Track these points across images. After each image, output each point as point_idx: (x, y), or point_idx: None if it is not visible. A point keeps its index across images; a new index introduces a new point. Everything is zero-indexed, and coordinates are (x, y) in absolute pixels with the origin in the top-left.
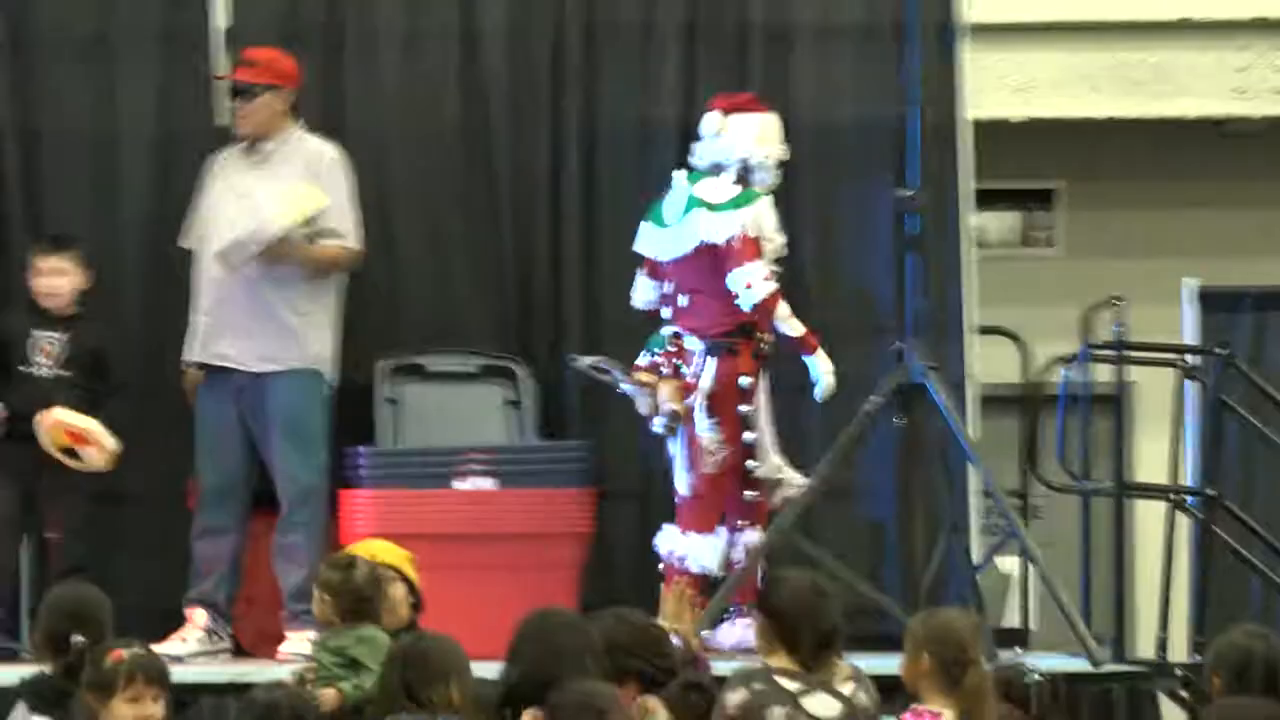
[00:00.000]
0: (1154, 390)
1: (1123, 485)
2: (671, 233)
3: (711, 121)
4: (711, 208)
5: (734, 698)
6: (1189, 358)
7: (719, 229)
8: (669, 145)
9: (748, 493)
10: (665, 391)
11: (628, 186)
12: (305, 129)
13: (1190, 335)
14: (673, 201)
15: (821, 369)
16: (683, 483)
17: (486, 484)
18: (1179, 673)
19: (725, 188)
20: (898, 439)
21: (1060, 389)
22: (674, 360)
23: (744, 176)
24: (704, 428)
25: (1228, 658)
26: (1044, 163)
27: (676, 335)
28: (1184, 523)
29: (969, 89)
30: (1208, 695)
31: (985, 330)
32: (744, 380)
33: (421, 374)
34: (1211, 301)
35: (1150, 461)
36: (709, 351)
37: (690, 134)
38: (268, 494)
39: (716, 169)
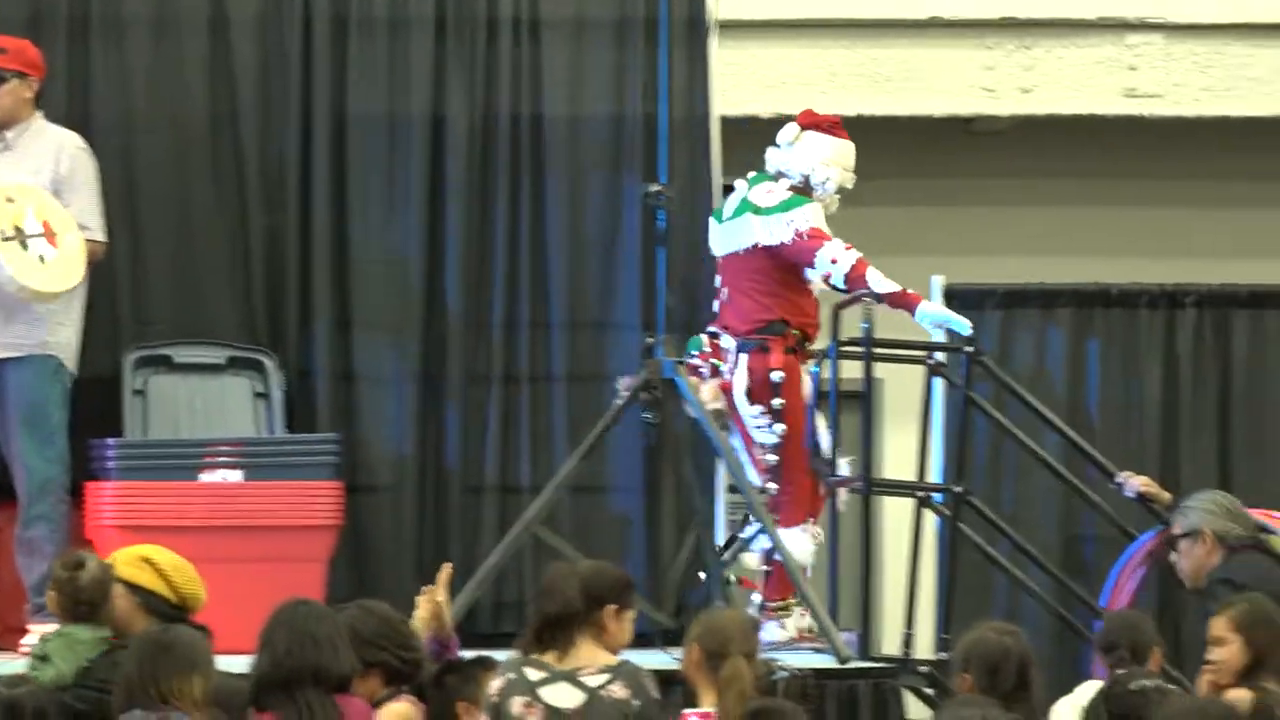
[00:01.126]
0: (902, 387)
1: (870, 482)
2: (724, 229)
3: (788, 132)
4: (758, 210)
5: (494, 684)
6: (936, 355)
7: (769, 231)
8: (418, 136)
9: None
10: (706, 393)
11: (377, 176)
12: (46, 119)
13: (938, 333)
14: (732, 201)
15: (933, 312)
16: (758, 479)
17: (233, 476)
18: (924, 669)
19: (777, 193)
20: (647, 434)
21: (810, 385)
22: (711, 361)
23: (803, 191)
24: (751, 422)
25: (979, 655)
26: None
27: (714, 335)
28: (931, 519)
29: (719, 85)
30: (953, 692)
31: None
32: (776, 375)
33: (169, 365)
34: (959, 299)
35: (898, 458)
36: (740, 348)
37: (440, 124)
38: (8, 485)
39: (778, 176)
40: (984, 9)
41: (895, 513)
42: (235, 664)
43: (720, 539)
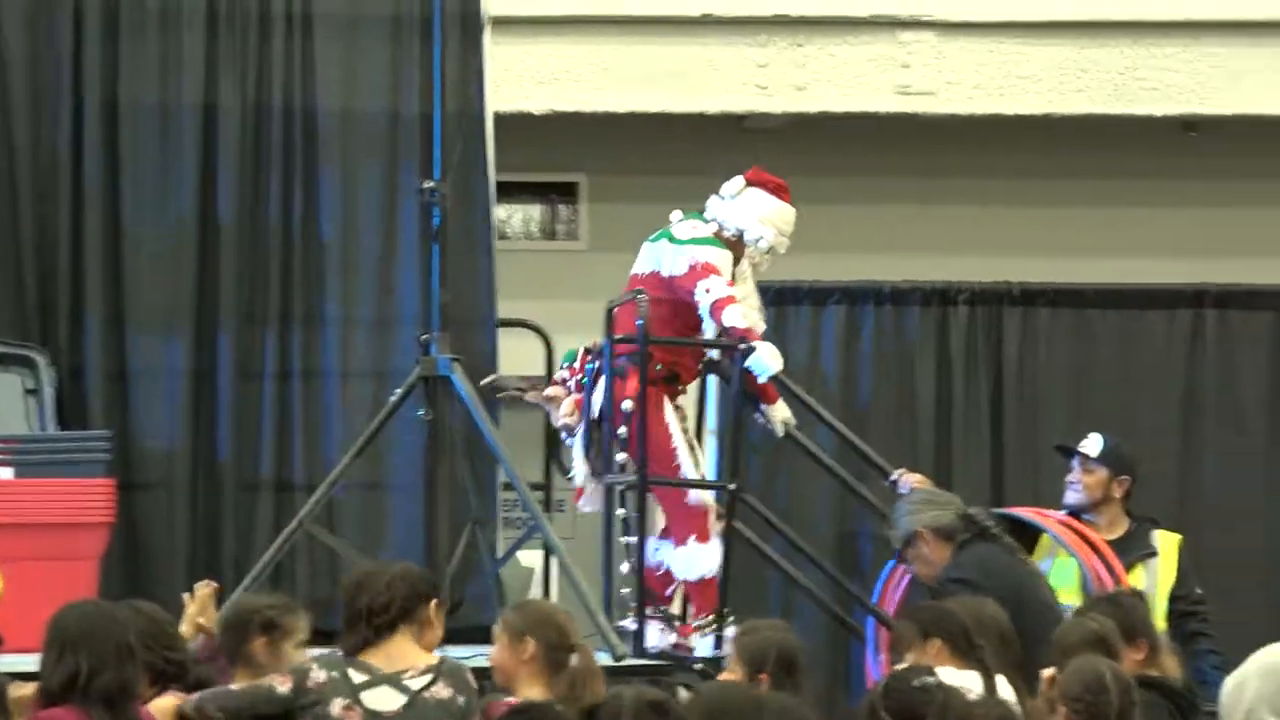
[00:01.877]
0: None
1: (646, 478)
2: (643, 249)
3: (733, 185)
4: (673, 240)
5: (314, 675)
6: (711, 353)
7: (673, 261)
8: (190, 128)
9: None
10: (565, 406)
11: (149, 169)
12: None
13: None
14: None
15: (765, 360)
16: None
17: (4, 474)
18: (698, 666)
19: (698, 230)
20: (423, 432)
21: (585, 382)
22: (579, 376)
23: (735, 243)
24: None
25: (751, 651)
26: (567, 155)
27: (588, 350)
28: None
29: (493, 81)
30: None
31: (509, 323)
32: (626, 404)
33: None
34: None
35: None
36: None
37: (212, 116)
38: None
39: (713, 221)
40: (757, 7)
41: None
42: (7, 663)
43: (497, 536)
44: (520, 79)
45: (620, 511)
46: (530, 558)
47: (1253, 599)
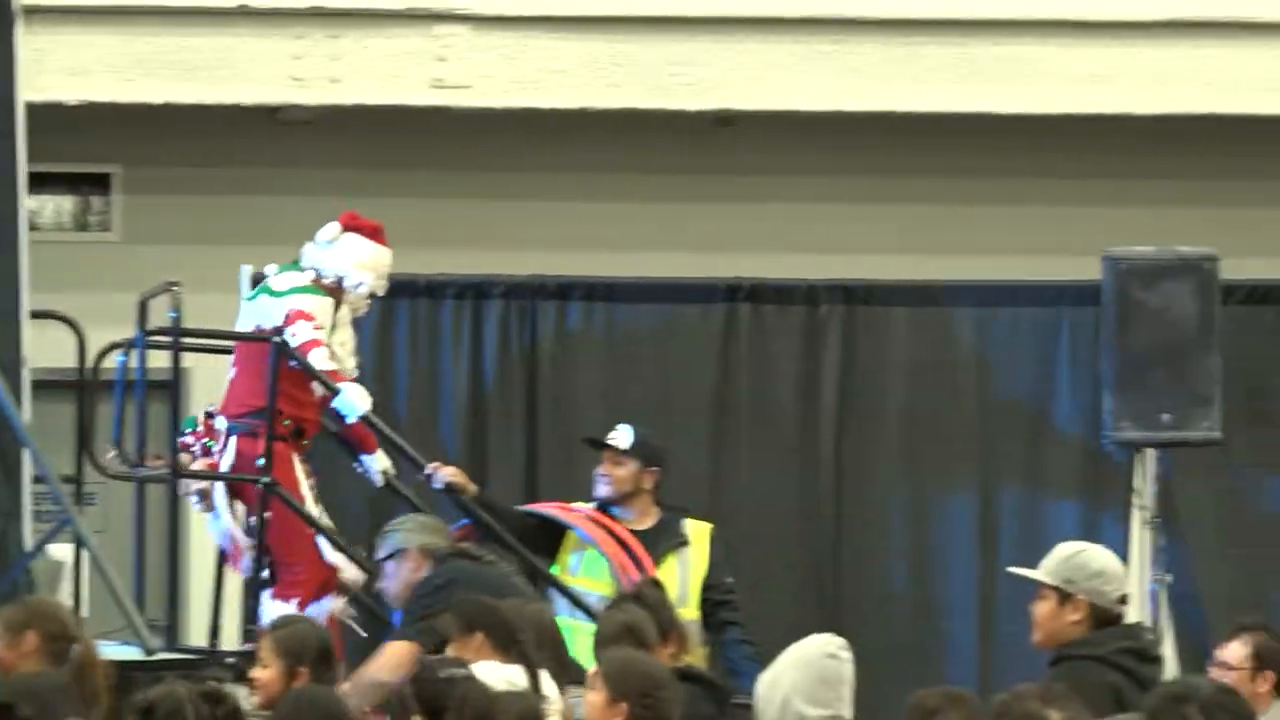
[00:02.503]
0: (209, 377)
1: (177, 472)
2: (244, 310)
3: (328, 231)
4: (272, 293)
5: None
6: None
7: (274, 314)
8: None
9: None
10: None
11: None
12: None
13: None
14: (257, 284)
15: (352, 400)
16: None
17: None
18: (230, 660)
19: (295, 280)
20: None
21: (117, 375)
22: (204, 440)
23: (334, 289)
24: (227, 508)
25: (288, 644)
26: (100, 147)
27: (209, 415)
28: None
29: (24, 71)
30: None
31: (39, 315)
32: (260, 462)
33: None
34: None
35: None
36: (230, 431)
37: None
38: None
39: (311, 270)
40: None
41: None
42: None
43: (26, 530)
44: (53, 69)
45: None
46: (61, 551)
47: (783, 589)
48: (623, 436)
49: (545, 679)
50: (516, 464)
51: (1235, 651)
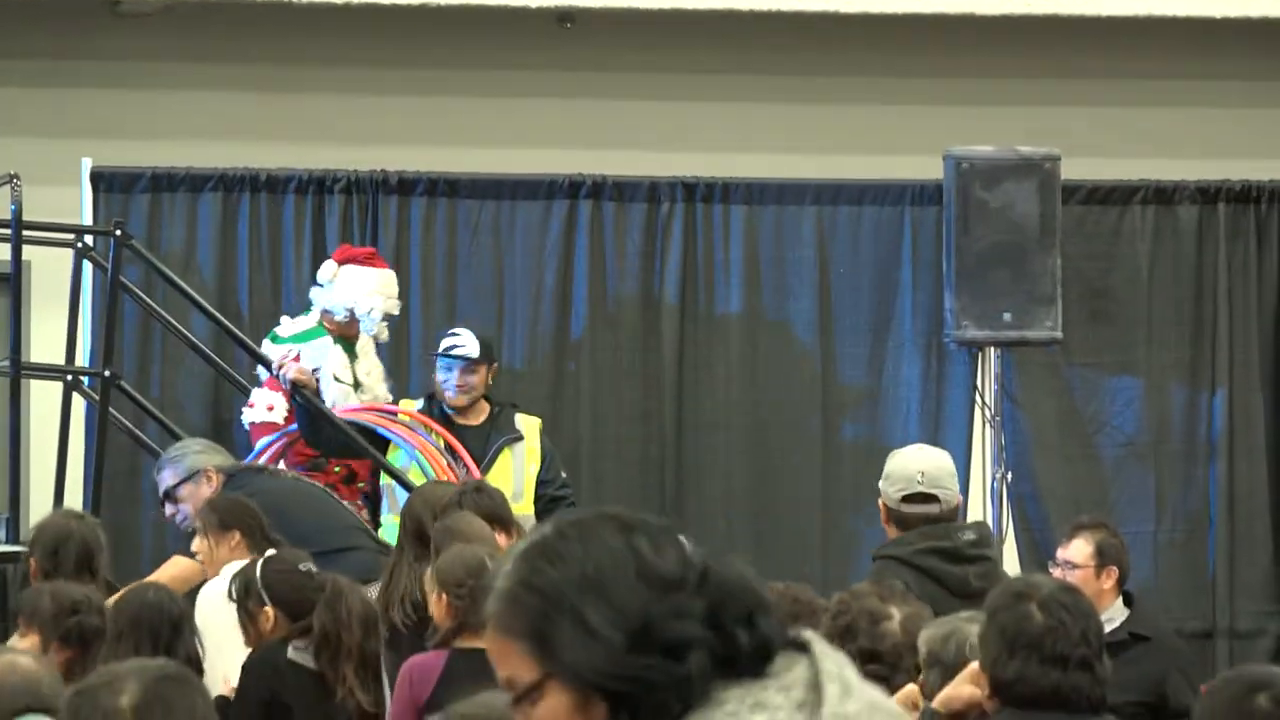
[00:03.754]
0: (51, 270)
1: (19, 365)
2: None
3: (326, 270)
4: (275, 339)
5: None
6: (85, 238)
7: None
8: None
9: None
10: None
11: None
12: None
13: (86, 215)
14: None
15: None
16: None
17: None
18: None
19: (298, 323)
20: None
21: None
22: None
23: (348, 326)
24: None
25: (43, 537)
26: None
27: None
28: (80, 403)
29: None
30: (28, 577)
31: None
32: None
33: None
34: (107, 181)
35: (47, 342)
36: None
37: None
38: None
39: (322, 312)
40: None
41: (44, 397)
42: None
43: None
44: None
45: None
46: None
47: (621, 488)
48: (471, 345)
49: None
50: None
51: (1079, 549)
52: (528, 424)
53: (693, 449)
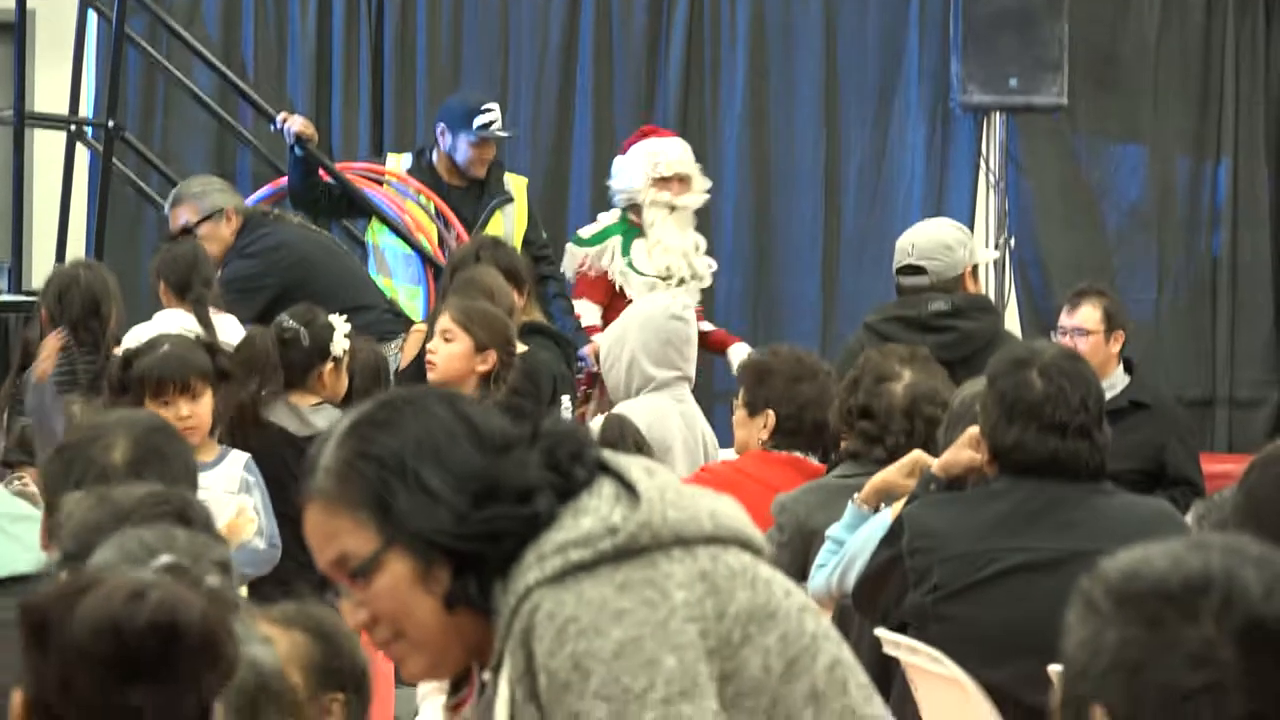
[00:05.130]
0: (55, 18)
1: (23, 114)
2: None
3: (613, 169)
4: (574, 241)
5: None
6: None
7: (568, 263)
8: None
9: None
10: None
11: None
12: None
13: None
14: None
15: None
16: None
17: None
18: None
19: (595, 224)
20: None
21: None
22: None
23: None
24: None
25: (50, 286)
26: None
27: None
28: (84, 153)
29: None
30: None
31: None
32: None
33: None
34: None
35: (50, 91)
36: None
37: None
38: None
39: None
40: None
41: (47, 146)
42: None
43: None
44: None
45: None
46: None
47: None
48: (502, 121)
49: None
50: (363, 115)
51: (1088, 315)
52: (516, 183)
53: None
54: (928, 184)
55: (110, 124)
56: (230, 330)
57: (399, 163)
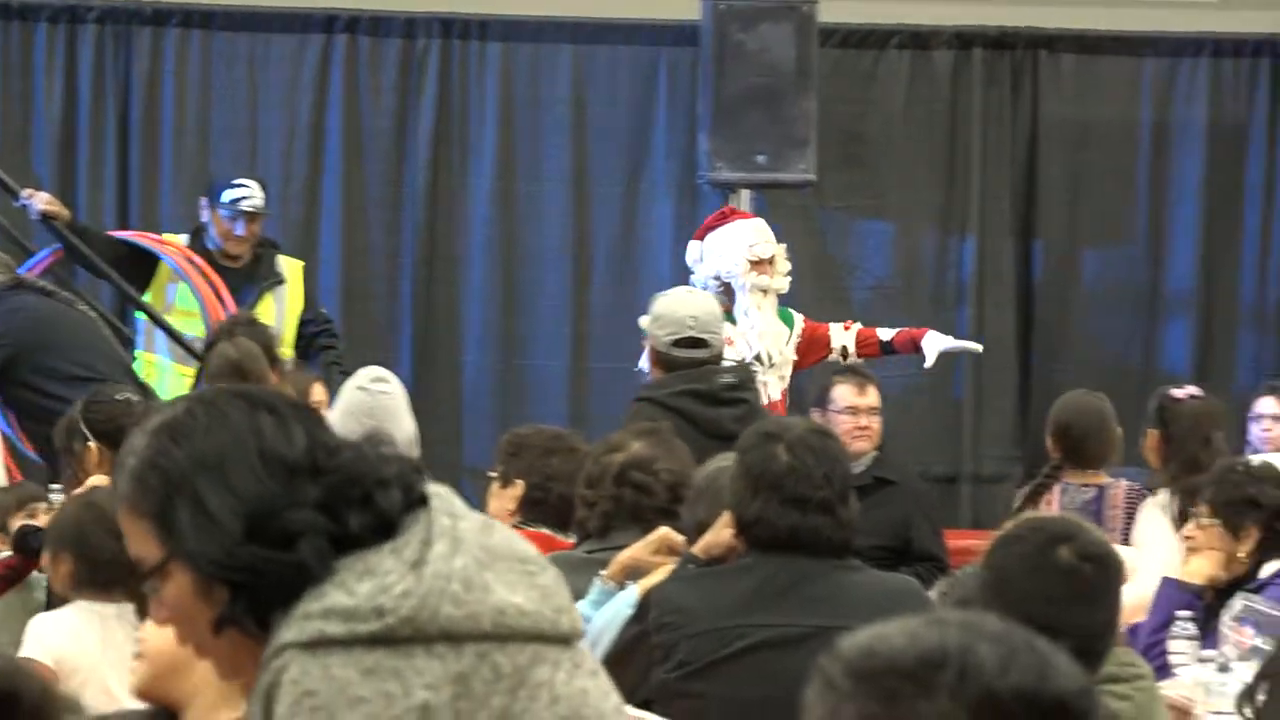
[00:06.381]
0: None
1: None
2: None
3: (691, 252)
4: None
5: None
6: None
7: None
8: None
9: None
10: None
11: None
12: None
13: None
14: None
15: None
16: None
17: None
18: None
19: None
20: None
21: None
22: None
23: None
24: None
25: None
26: None
27: None
28: None
29: None
30: None
31: None
32: None
33: None
34: None
35: None
36: None
37: None
38: None
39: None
40: None
41: None
42: None
43: None
44: None
45: None
46: None
47: (371, 325)
48: (258, 196)
49: None
50: (109, 191)
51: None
52: (291, 266)
53: (442, 285)
54: (675, 261)
55: None
56: None
57: (178, 241)
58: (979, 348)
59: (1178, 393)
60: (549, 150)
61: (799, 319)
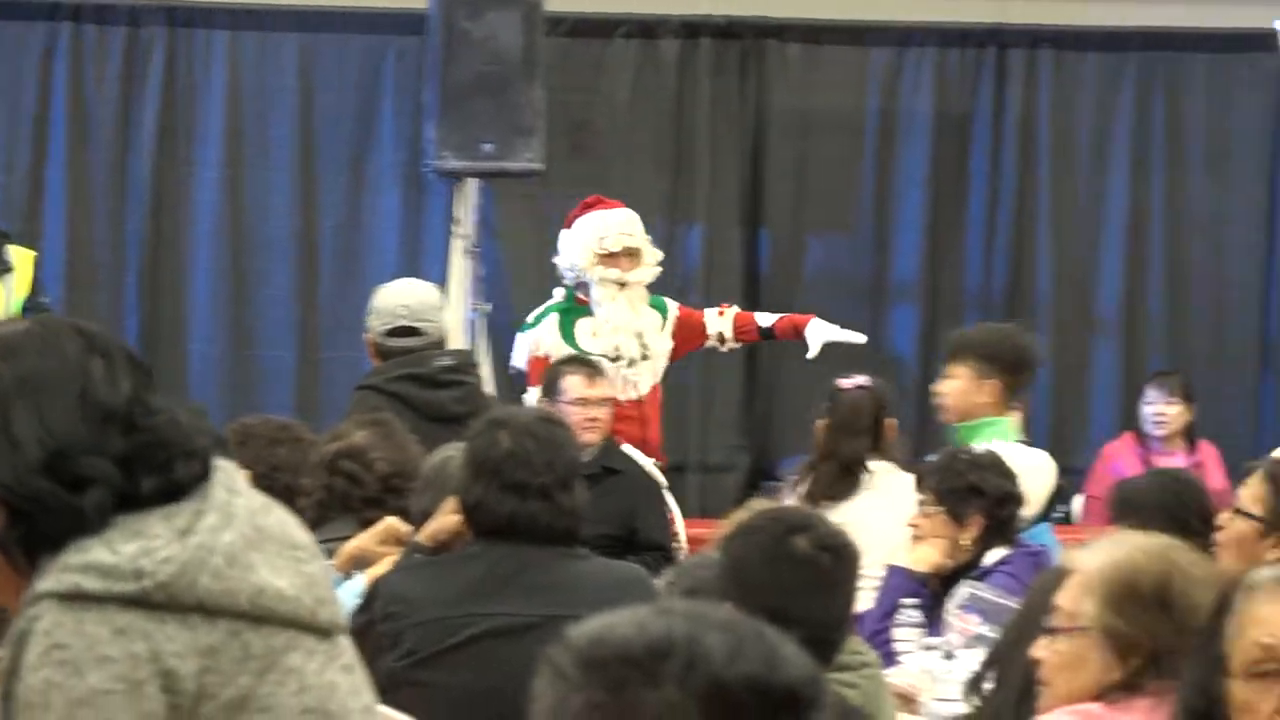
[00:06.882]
0: None
1: None
2: None
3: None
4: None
5: None
6: None
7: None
8: None
9: None
10: None
11: None
12: None
13: None
14: None
15: None
16: None
17: None
18: None
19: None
20: None
21: None
22: None
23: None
24: None
25: None
26: None
27: None
28: None
29: None
30: None
31: None
32: None
33: None
34: None
35: None
36: None
37: None
38: None
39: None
40: None
41: None
42: None
43: None
44: None
45: None
46: None
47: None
48: None
49: None
50: None
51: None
52: (22, 255)
53: (168, 276)
54: (402, 250)
55: None
56: None
57: None
58: (863, 338)
59: (845, 383)
60: (275, 139)
61: (673, 306)
